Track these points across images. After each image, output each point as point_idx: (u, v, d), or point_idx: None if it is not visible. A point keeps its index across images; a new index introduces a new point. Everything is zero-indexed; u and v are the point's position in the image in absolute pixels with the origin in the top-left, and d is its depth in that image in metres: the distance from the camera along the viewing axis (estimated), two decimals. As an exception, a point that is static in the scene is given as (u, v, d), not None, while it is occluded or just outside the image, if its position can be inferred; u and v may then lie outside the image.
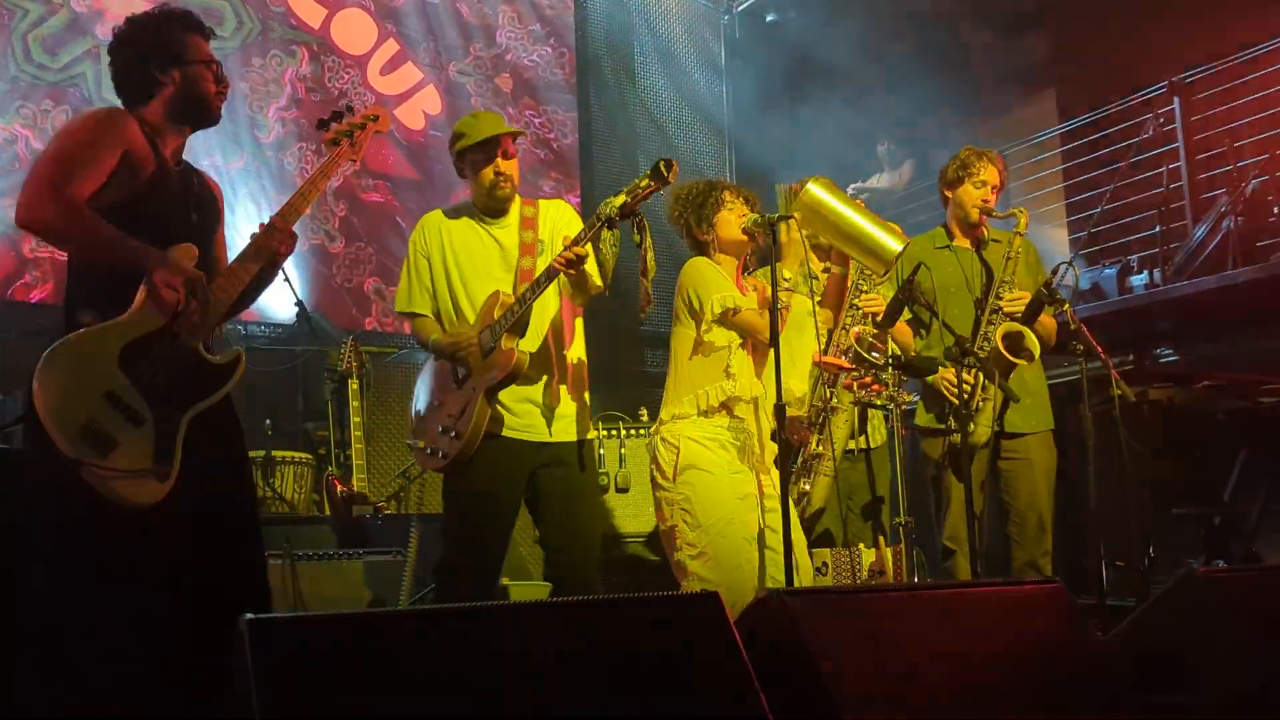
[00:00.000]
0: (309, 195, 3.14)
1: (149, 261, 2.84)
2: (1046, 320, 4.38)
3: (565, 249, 3.57)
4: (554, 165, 8.70)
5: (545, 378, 3.80)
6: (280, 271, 3.23)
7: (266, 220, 3.08)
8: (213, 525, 2.90)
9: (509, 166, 3.88)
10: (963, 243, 4.61)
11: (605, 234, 3.56)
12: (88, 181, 2.86)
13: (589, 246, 3.61)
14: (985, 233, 4.62)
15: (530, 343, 3.78)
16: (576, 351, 3.94)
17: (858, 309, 4.21)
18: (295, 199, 3.11)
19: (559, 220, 3.96)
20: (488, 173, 3.86)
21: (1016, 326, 4.19)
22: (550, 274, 3.61)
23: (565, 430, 3.83)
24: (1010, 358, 4.12)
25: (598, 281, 3.77)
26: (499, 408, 3.74)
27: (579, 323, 3.96)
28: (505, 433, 3.75)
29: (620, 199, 3.50)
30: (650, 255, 3.59)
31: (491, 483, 3.74)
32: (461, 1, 8.47)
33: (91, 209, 2.85)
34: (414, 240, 3.99)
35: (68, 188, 2.83)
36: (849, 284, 4.29)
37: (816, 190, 3.81)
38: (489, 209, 3.94)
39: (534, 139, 8.53)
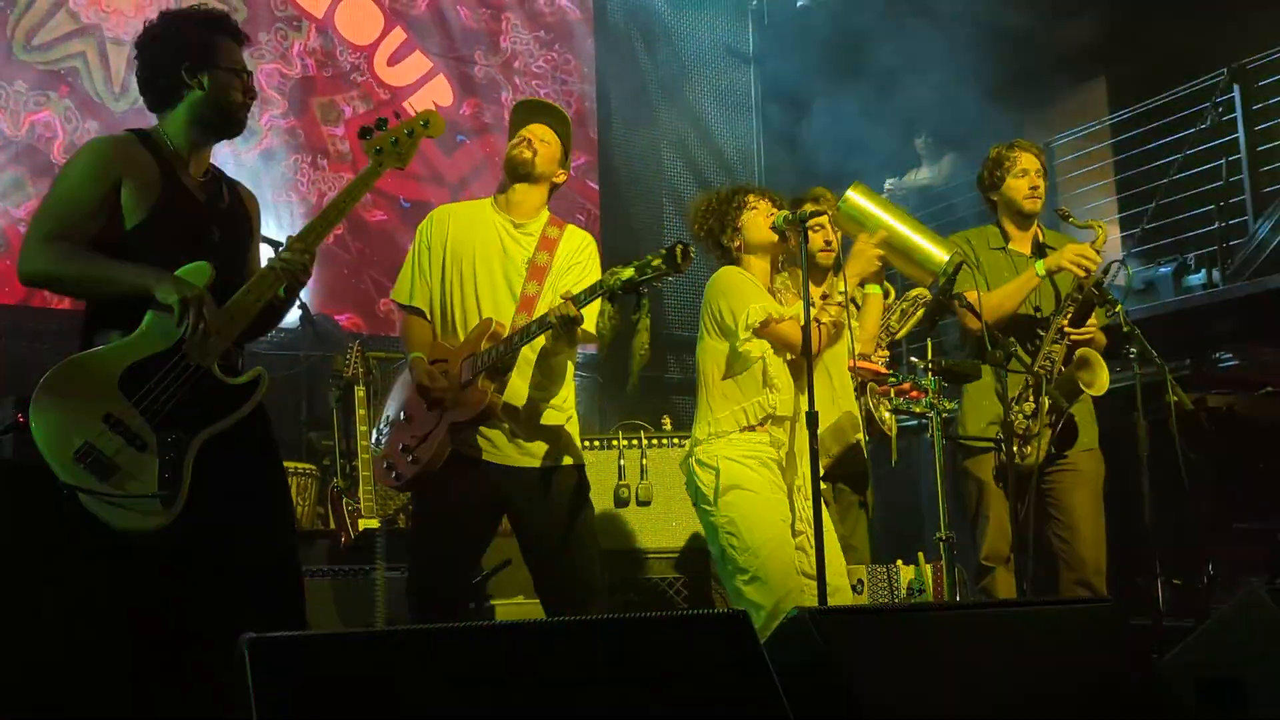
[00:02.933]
0: (342, 209, 3.13)
1: (151, 283, 2.87)
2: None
3: (562, 304, 3.51)
4: None
5: (523, 406, 3.76)
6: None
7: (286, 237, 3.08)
8: (237, 551, 2.92)
9: (540, 144, 3.84)
10: (1019, 247, 4.59)
11: (606, 306, 3.53)
12: (80, 223, 2.91)
13: (590, 307, 3.57)
14: (1040, 235, 4.60)
15: (516, 378, 3.73)
16: (565, 388, 3.89)
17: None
18: (327, 213, 3.11)
19: (578, 254, 3.90)
20: (516, 139, 3.86)
21: (1092, 355, 4.17)
22: (542, 325, 3.56)
23: (538, 456, 3.78)
24: (1080, 383, 4.12)
25: (591, 330, 3.70)
26: (476, 436, 3.72)
27: (570, 366, 3.91)
28: (484, 457, 3.73)
29: (628, 273, 3.44)
30: (645, 338, 3.55)
31: (457, 508, 3.72)
32: (461, 4, 8.47)
33: (92, 246, 2.90)
34: (420, 229, 3.96)
35: (58, 235, 2.90)
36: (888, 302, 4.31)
37: (857, 198, 3.80)
38: (508, 196, 3.89)
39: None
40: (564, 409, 3.87)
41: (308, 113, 7.71)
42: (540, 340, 3.70)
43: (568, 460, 3.83)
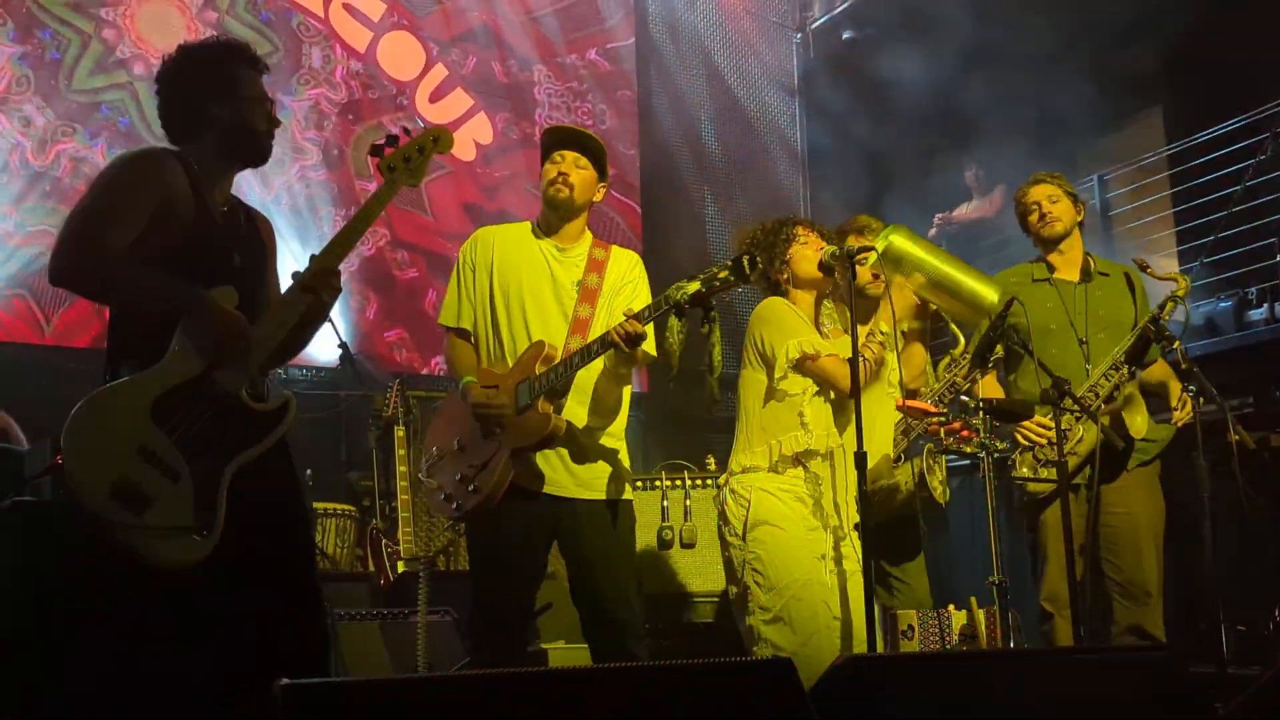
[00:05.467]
0: (359, 229, 3.14)
1: (186, 305, 2.88)
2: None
3: (626, 321, 3.49)
4: None
5: (579, 437, 3.75)
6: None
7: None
8: (266, 580, 2.93)
9: (576, 176, 3.83)
10: (1066, 275, 4.56)
11: (673, 321, 3.47)
12: (122, 231, 2.91)
13: (650, 325, 3.55)
14: (1092, 264, 4.57)
15: (572, 402, 3.72)
16: (620, 416, 3.88)
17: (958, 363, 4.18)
18: (344, 233, 3.12)
19: (628, 274, 3.90)
20: (550, 169, 3.85)
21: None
22: (604, 344, 3.54)
23: (594, 489, 3.76)
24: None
25: (652, 352, 3.71)
26: (534, 467, 3.71)
27: (626, 392, 3.89)
28: (543, 489, 3.72)
29: (694, 286, 3.41)
30: (718, 351, 3.51)
31: (513, 542, 3.71)
32: (495, 61, 8.56)
33: (130, 258, 2.91)
34: (463, 250, 3.96)
35: (101, 240, 2.89)
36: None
37: (900, 241, 3.79)
38: (549, 223, 3.90)
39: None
40: (618, 435, 3.86)
41: (343, 166, 7.80)
42: (596, 365, 3.68)
43: (620, 494, 3.82)
